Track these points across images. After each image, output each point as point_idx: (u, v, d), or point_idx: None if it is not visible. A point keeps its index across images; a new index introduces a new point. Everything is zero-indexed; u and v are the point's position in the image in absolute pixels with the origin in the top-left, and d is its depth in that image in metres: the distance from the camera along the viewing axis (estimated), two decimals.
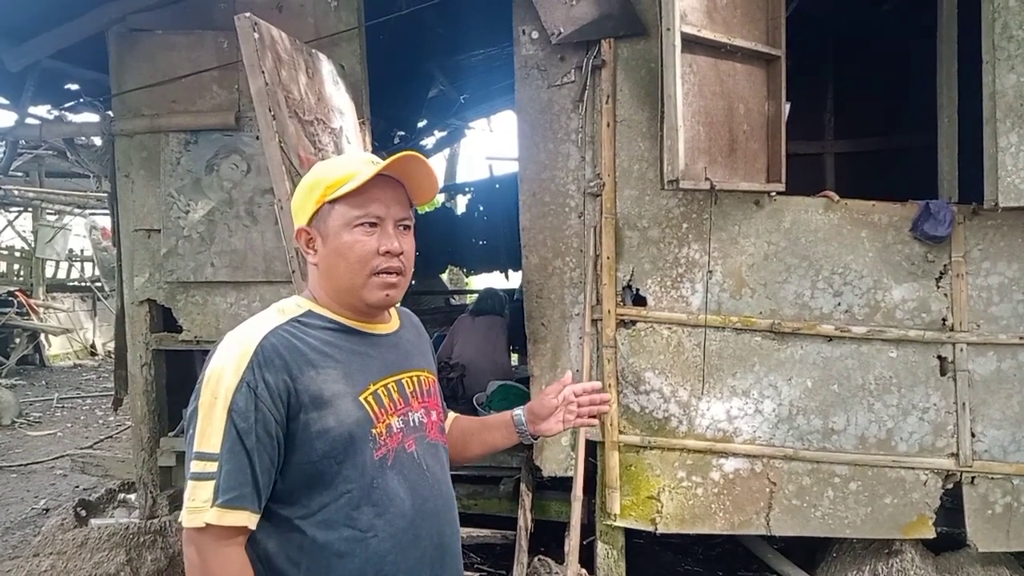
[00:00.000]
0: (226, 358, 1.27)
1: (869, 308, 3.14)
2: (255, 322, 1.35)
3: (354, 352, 1.37)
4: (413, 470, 1.38)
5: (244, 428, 1.22)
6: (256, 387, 1.24)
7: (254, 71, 2.60)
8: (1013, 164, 2.88)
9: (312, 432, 1.27)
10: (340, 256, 1.35)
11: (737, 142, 3.04)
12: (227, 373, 1.25)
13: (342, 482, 1.29)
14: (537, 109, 3.37)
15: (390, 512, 1.32)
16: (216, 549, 1.22)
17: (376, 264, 1.35)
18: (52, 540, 3.58)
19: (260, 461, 1.23)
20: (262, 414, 1.23)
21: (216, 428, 1.22)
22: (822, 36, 5.09)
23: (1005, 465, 3.07)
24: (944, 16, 3.20)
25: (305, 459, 1.27)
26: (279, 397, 1.25)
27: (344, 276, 1.36)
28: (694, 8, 2.82)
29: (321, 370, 1.30)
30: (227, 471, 1.21)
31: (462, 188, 9.61)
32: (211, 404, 1.24)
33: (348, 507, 1.29)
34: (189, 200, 3.64)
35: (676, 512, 3.23)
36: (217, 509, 1.20)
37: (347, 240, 1.34)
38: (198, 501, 1.21)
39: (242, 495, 1.21)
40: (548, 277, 3.40)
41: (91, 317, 13.33)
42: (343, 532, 1.28)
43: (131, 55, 3.72)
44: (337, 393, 1.30)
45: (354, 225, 1.34)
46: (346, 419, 1.29)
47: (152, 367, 3.89)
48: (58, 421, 8.16)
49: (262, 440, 1.23)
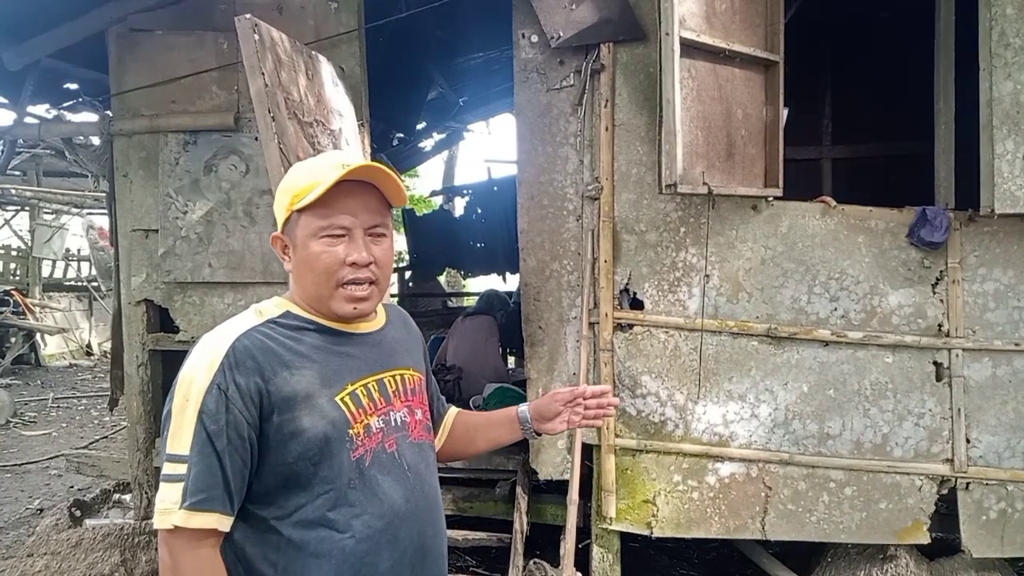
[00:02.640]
0: (198, 360, 1.26)
1: (865, 313, 3.15)
2: (230, 323, 1.34)
3: (332, 352, 1.36)
4: (393, 470, 1.37)
5: (214, 430, 1.22)
6: (227, 389, 1.23)
7: (254, 72, 2.60)
8: (1009, 171, 2.89)
9: (285, 433, 1.26)
10: (307, 266, 1.35)
11: (735, 147, 3.05)
12: (199, 375, 1.24)
13: (318, 483, 1.28)
14: (536, 112, 3.37)
15: (368, 513, 1.31)
16: (187, 551, 1.22)
17: (343, 275, 1.33)
18: (46, 540, 3.58)
19: (232, 463, 1.23)
20: (233, 416, 1.23)
21: (186, 430, 1.22)
22: (821, 42, 5.11)
23: (1000, 471, 3.08)
24: (941, 24, 3.21)
25: (279, 460, 1.27)
26: (251, 399, 1.24)
27: (311, 287, 1.36)
28: (693, 13, 2.83)
29: (295, 371, 1.29)
30: (196, 473, 1.21)
31: (460, 190, 9.62)
32: (182, 406, 1.23)
33: (324, 508, 1.28)
34: (187, 200, 3.64)
35: (672, 516, 3.24)
36: (185, 511, 1.20)
37: (313, 251, 1.33)
38: (167, 503, 1.21)
39: (211, 497, 1.21)
40: (546, 280, 3.41)
41: (87, 317, 13.29)
42: (319, 533, 1.28)
43: (131, 55, 3.72)
44: (312, 394, 1.29)
45: (320, 236, 1.33)
46: (320, 420, 1.28)
47: (148, 367, 3.88)
48: (53, 421, 8.14)
49: (233, 442, 1.23)
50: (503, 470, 3.73)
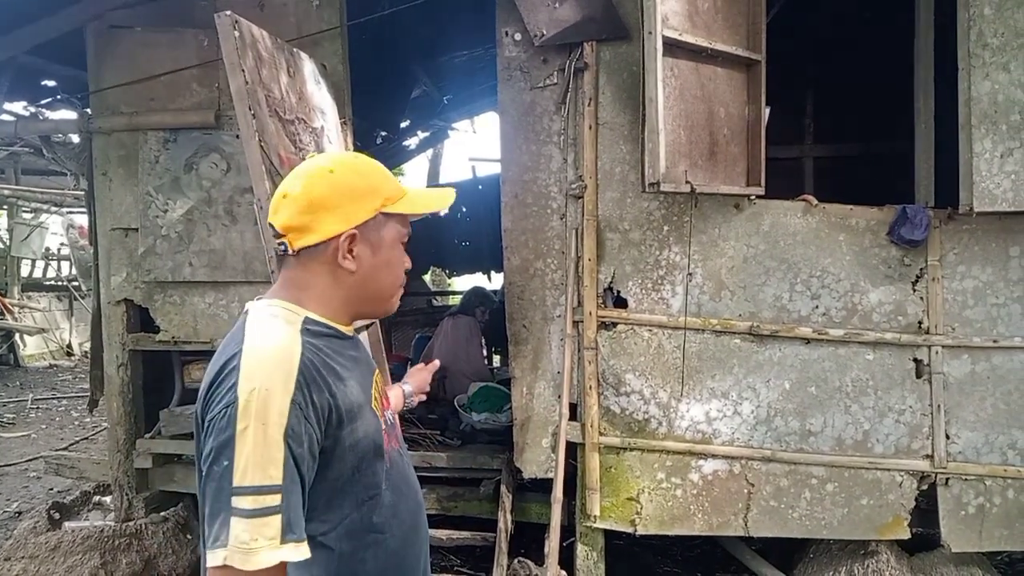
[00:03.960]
0: (268, 378, 1.15)
1: (846, 311, 3.18)
2: (274, 335, 1.23)
3: (354, 359, 1.35)
4: (404, 467, 1.45)
5: (300, 454, 1.14)
6: (306, 409, 1.16)
7: (234, 70, 2.58)
8: (987, 169, 2.92)
9: (346, 446, 1.24)
10: (388, 269, 1.37)
11: (717, 146, 3.07)
12: (275, 395, 1.13)
13: (363, 490, 1.29)
14: (520, 111, 3.37)
15: (400, 509, 1.37)
16: None
17: (403, 280, 1.42)
18: (24, 544, 3.52)
19: (306, 487, 1.18)
20: (309, 436, 1.17)
21: (273, 456, 1.11)
22: (802, 42, 5.14)
23: (978, 466, 3.11)
24: (921, 24, 3.25)
25: (336, 474, 1.24)
26: (323, 416, 1.20)
27: (384, 288, 1.39)
28: (676, 12, 2.84)
29: (347, 383, 1.27)
30: (293, 503, 1.13)
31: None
32: (260, 431, 1.11)
33: (370, 513, 1.30)
34: (168, 199, 3.60)
35: (655, 513, 3.25)
36: (293, 545, 1.11)
37: (397, 256, 1.38)
38: (262, 539, 1.08)
39: (302, 526, 1.14)
40: (530, 279, 3.40)
41: (68, 317, 13.13)
42: (367, 538, 1.30)
43: (110, 52, 3.68)
44: (361, 404, 1.29)
45: (400, 242, 1.39)
46: (370, 428, 1.30)
47: (129, 368, 3.84)
48: (32, 422, 8.03)
49: (308, 464, 1.17)
50: (487, 469, 3.73)
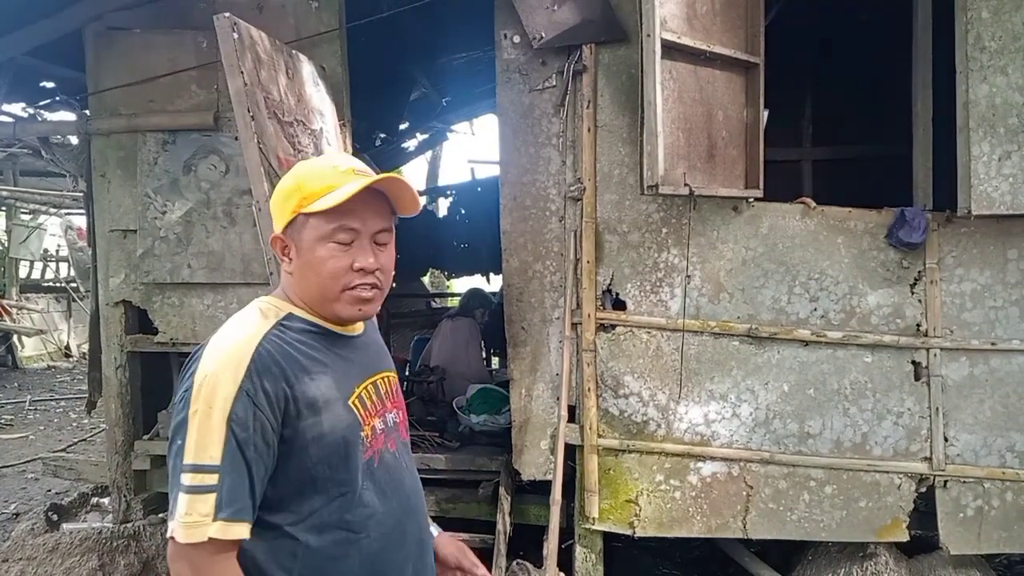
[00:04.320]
0: (220, 365, 1.23)
1: (845, 313, 3.18)
2: (240, 326, 1.31)
3: (338, 356, 1.38)
4: (396, 469, 1.42)
5: (244, 438, 1.20)
6: (255, 395, 1.21)
7: (233, 71, 2.58)
8: (985, 172, 2.93)
9: (308, 438, 1.27)
10: (312, 270, 1.33)
11: (716, 148, 3.07)
12: (223, 381, 1.21)
13: (334, 486, 1.30)
14: (518, 113, 3.37)
15: (380, 512, 1.35)
16: (214, 563, 1.19)
17: (349, 280, 1.33)
18: (22, 545, 3.52)
19: (257, 471, 1.22)
20: (260, 423, 1.21)
21: (215, 439, 1.19)
22: (801, 45, 5.15)
23: (977, 469, 3.11)
24: (919, 27, 3.25)
25: (300, 465, 1.27)
26: (277, 405, 1.23)
27: (316, 290, 1.35)
28: (674, 15, 2.84)
29: (315, 376, 1.29)
30: (229, 484, 1.18)
31: (444, 191, 9.57)
32: (206, 413, 1.19)
33: (341, 510, 1.30)
34: (166, 200, 3.60)
35: (654, 516, 3.25)
36: (222, 523, 1.17)
37: (321, 255, 1.31)
38: (196, 515, 1.16)
39: (243, 507, 1.20)
40: (528, 281, 3.41)
41: (66, 318, 13.12)
42: (336, 535, 1.30)
43: (108, 54, 3.67)
44: (330, 398, 1.30)
45: (329, 240, 1.31)
46: (339, 424, 1.30)
47: (127, 369, 3.84)
48: (30, 424, 8.02)
49: (259, 450, 1.21)
50: (486, 471, 3.73)
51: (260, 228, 2.82)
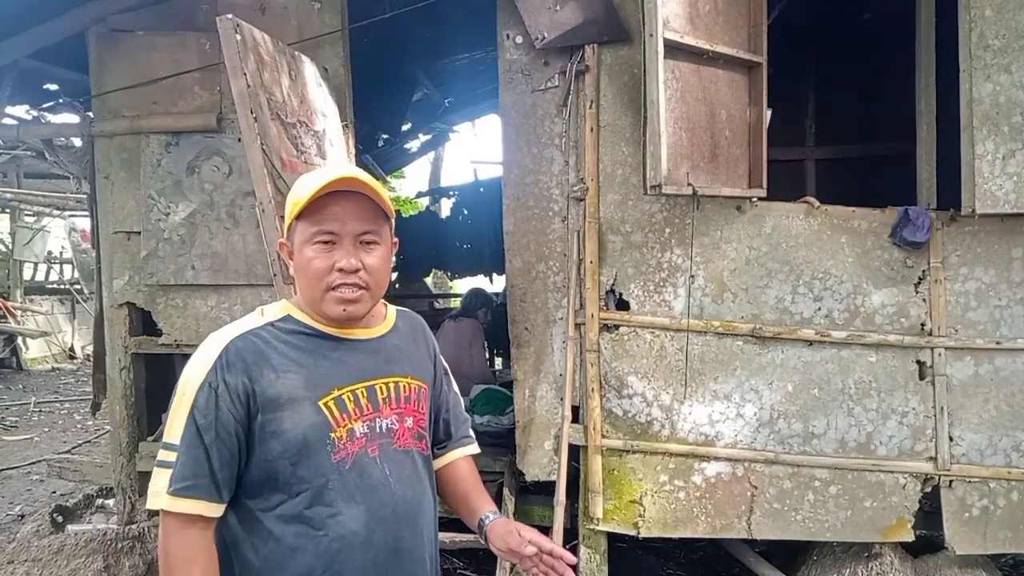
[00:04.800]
0: (197, 360, 1.37)
1: (849, 313, 3.17)
2: (234, 325, 1.43)
3: (324, 357, 1.42)
4: (374, 474, 1.41)
5: (203, 424, 1.32)
6: (217, 387, 1.33)
7: (236, 73, 2.58)
8: (990, 171, 2.92)
9: (267, 433, 1.35)
10: (301, 271, 1.42)
11: (719, 148, 3.06)
12: (194, 374, 1.35)
13: (296, 482, 1.36)
14: (521, 113, 3.37)
15: (343, 513, 1.37)
16: (175, 532, 1.32)
17: (331, 280, 1.39)
18: (27, 547, 3.52)
19: (219, 456, 1.32)
20: (222, 412, 1.33)
21: (179, 423, 1.33)
22: (804, 44, 5.14)
23: (982, 468, 3.10)
24: (922, 25, 3.24)
25: (262, 457, 1.36)
26: (238, 398, 1.34)
27: (307, 291, 1.43)
28: (677, 15, 2.84)
29: (281, 374, 1.37)
30: (183, 463, 1.31)
31: (446, 192, 9.57)
32: (179, 401, 1.35)
33: (302, 505, 1.36)
34: (170, 202, 3.61)
35: (658, 516, 3.24)
36: (169, 496, 1.30)
37: (306, 256, 1.39)
38: (157, 487, 1.32)
39: (196, 485, 1.31)
40: (532, 281, 3.40)
41: (70, 320, 13.14)
42: (296, 528, 1.36)
43: (112, 56, 3.68)
44: (295, 397, 1.36)
45: (312, 242, 1.39)
46: (301, 423, 1.36)
47: (131, 371, 3.84)
48: (35, 425, 8.04)
49: (221, 436, 1.33)
50: (490, 471, 3.72)
51: (263, 229, 2.81)
